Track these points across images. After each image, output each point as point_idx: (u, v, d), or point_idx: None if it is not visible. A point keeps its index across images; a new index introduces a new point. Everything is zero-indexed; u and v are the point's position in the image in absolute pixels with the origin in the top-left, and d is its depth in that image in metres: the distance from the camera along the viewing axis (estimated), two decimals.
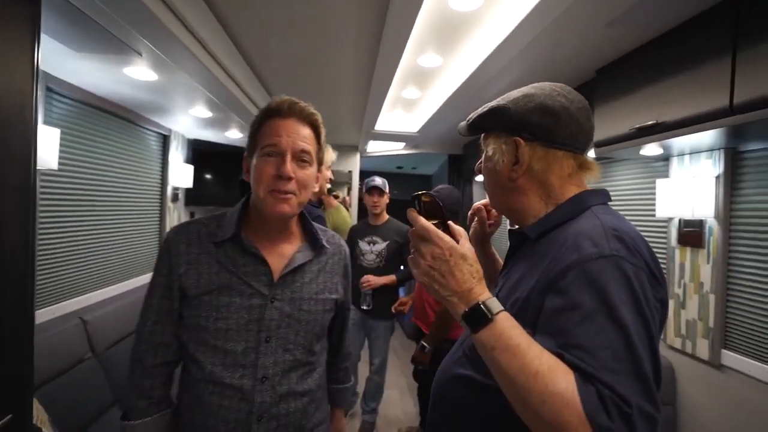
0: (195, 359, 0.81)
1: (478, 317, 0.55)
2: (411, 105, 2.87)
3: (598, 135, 1.75)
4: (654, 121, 1.42)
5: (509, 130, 0.69)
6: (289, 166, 0.78)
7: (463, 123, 0.78)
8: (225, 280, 0.81)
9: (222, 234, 0.83)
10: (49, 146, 1.64)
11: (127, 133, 2.45)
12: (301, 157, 0.81)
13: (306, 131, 0.83)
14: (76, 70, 1.71)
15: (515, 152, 0.68)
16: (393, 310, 2.43)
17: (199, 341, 0.81)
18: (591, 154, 1.88)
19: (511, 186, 0.70)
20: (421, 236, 0.61)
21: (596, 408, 0.45)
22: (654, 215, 1.83)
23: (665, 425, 1.74)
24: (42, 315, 1.81)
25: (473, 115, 0.75)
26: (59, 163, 1.80)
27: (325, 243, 0.93)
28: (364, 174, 5.07)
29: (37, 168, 1.67)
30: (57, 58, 1.56)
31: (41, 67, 1.66)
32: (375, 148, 4.49)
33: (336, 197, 3.88)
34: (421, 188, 0.86)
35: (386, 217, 2.55)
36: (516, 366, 0.50)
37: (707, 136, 1.39)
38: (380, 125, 3.32)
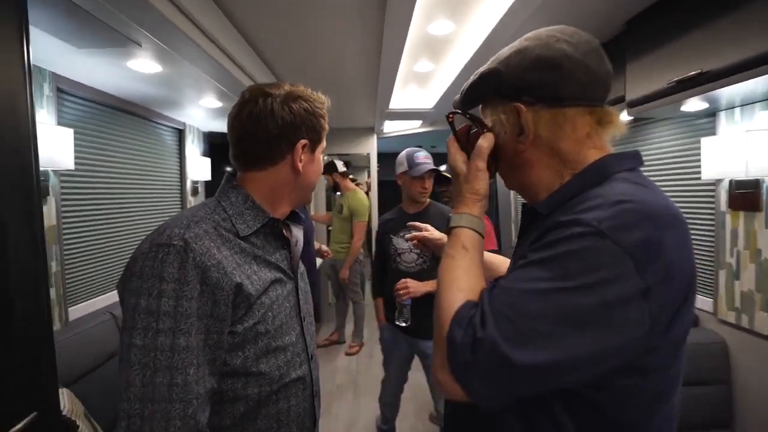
0: (259, 374, 0.70)
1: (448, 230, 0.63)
2: (424, 79, 2.74)
3: (631, 93, 1.59)
4: (698, 71, 1.25)
5: (507, 96, 0.59)
6: None
7: (457, 97, 0.69)
8: (267, 273, 0.73)
9: (245, 226, 0.73)
10: (63, 147, 1.65)
11: (142, 130, 2.46)
12: None
13: None
14: (82, 69, 1.70)
15: (517, 121, 0.59)
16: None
17: (260, 352, 0.70)
18: (624, 116, 1.75)
19: (518, 160, 0.61)
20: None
21: (458, 324, 0.50)
22: (699, 178, 1.66)
23: (717, 405, 1.61)
24: (74, 312, 1.87)
25: (464, 86, 0.66)
26: (77, 164, 1.83)
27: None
28: (382, 156, 4.97)
29: (55, 169, 1.71)
30: (62, 57, 1.55)
31: (50, 68, 1.68)
32: (392, 128, 4.38)
33: (354, 181, 3.84)
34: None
35: (427, 201, 1.86)
36: (439, 270, 0.58)
37: (762, 83, 1.21)
38: (394, 103, 3.20)
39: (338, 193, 4.18)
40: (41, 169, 1.63)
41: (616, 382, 0.48)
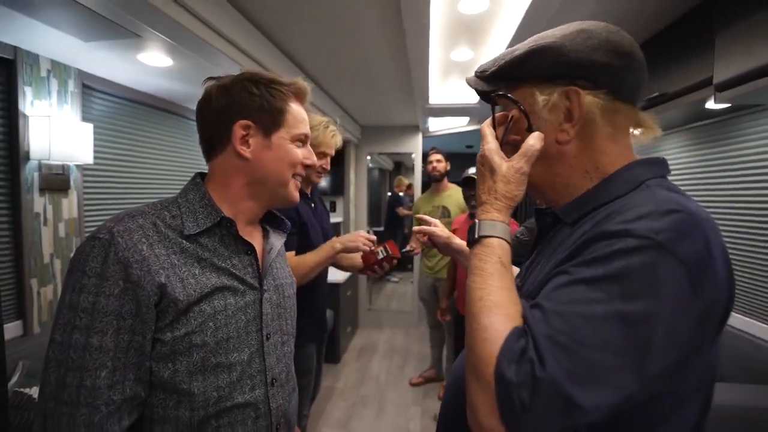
0: (191, 394, 0.64)
1: (471, 234, 0.54)
2: (465, 70, 2.46)
3: (721, 73, 1.21)
4: None
5: (562, 76, 0.53)
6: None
7: (485, 69, 0.60)
8: (214, 279, 0.68)
9: (194, 224, 0.69)
10: (83, 142, 1.67)
11: (175, 126, 2.50)
12: None
13: None
14: (100, 64, 1.71)
15: (566, 106, 0.53)
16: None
17: (195, 368, 0.64)
18: (710, 104, 1.36)
19: (555, 152, 0.55)
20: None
21: (510, 358, 0.42)
22: None
23: None
24: None
25: (505, 57, 0.57)
26: (107, 159, 1.87)
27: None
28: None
29: (77, 163, 1.75)
30: (84, 53, 1.57)
31: (74, 65, 1.71)
32: (437, 126, 4.11)
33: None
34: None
35: None
36: (472, 287, 0.49)
37: None
38: (435, 98, 2.95)
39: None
40: (60, 163, 1.67)
41: (647, 407, 0.44)
